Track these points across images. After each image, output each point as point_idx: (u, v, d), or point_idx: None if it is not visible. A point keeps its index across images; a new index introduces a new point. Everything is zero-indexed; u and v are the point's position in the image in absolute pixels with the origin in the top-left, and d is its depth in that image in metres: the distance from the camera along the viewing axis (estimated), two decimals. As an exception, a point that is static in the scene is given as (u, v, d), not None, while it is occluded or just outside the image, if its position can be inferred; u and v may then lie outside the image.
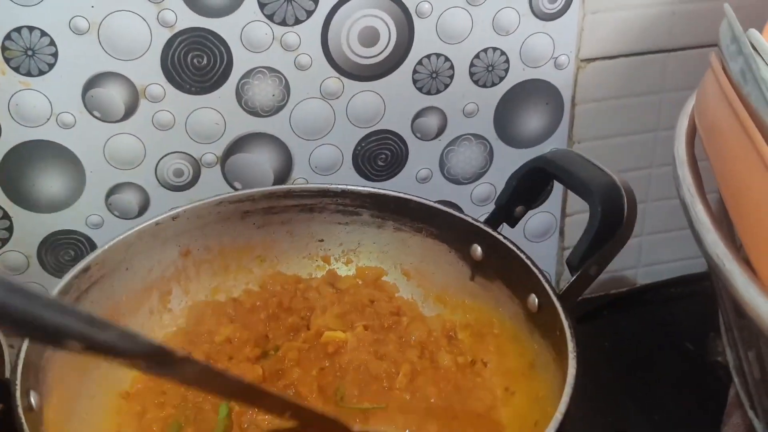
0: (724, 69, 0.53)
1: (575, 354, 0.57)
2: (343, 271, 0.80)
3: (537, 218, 0.92)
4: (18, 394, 0.54)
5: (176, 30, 0.74)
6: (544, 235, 0.94)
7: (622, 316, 0.95)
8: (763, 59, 0.54)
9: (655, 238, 0.98)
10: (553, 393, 0.59)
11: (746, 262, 0.46)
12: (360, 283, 0.79)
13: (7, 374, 0.64)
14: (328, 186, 0.78)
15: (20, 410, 0.53)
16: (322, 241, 0.81)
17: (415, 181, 0.87)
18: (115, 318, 0.71)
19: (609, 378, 0.85)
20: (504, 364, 0.69)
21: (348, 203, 0.78)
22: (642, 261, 0.99)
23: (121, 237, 0.71)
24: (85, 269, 0.68)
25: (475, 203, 0.90)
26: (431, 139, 0.85)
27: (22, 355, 0.57)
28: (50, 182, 0.79)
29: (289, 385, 0.67)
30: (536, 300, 0.65)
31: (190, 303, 0.77)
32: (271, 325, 0.73)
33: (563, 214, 0.93)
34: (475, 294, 0.74)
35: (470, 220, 0.72)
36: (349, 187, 0.77)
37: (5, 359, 0.67)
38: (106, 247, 0.70)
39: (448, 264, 0.76)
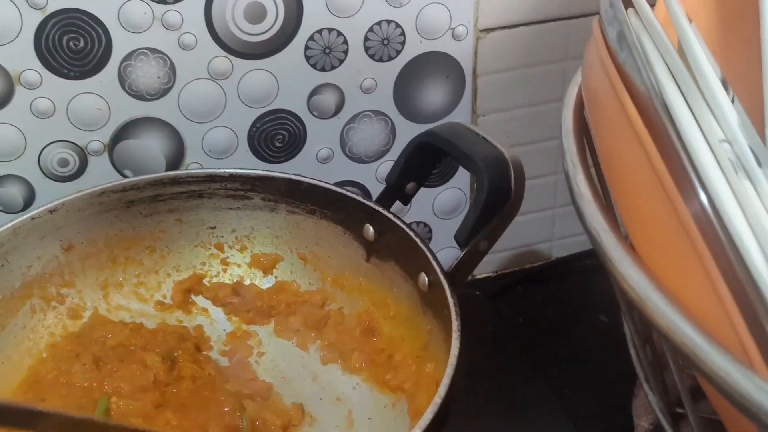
0: (603, 36, 0.51)
1: (459, 334, 0.55)
2: (238, 258, 0.78)
3: (446, 194, 0.90)
4: None
5: (48, 12, 0.71)
6: (454, 212, 0.92)
7: (537, 291, 0.94)
8: (644, 24, 0.53)
9: (568, 210, 0.96)
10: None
11: (626, 237, 0.45)
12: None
13: None
14: (215, 170, 0.75)
15: None
16: (214, 228, 0.78)
17: (316, 161, 0.84)
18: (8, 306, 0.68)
19: (520, 353, 0.84)
20: (402, 347, 0.67)
21: (238, 187, 0.76)
22: (556, 234, 0.98)
23: None
24: None
25: (380, 182, 0.87)
26: (329, 117, 0.83)
27: None
28: None
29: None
30: (426, 279, 0.63)
31: (77, 299, 0.73)
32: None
33: (472, 190, 0.91)
34: (370, 275, 0.72)
35: (360, 199, 0.70)
36: (237, 170, 0.75)
37: None
38: None
39: (344, 246, 0.74)
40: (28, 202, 0.79)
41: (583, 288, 0.93)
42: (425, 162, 0.69)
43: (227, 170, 0.75)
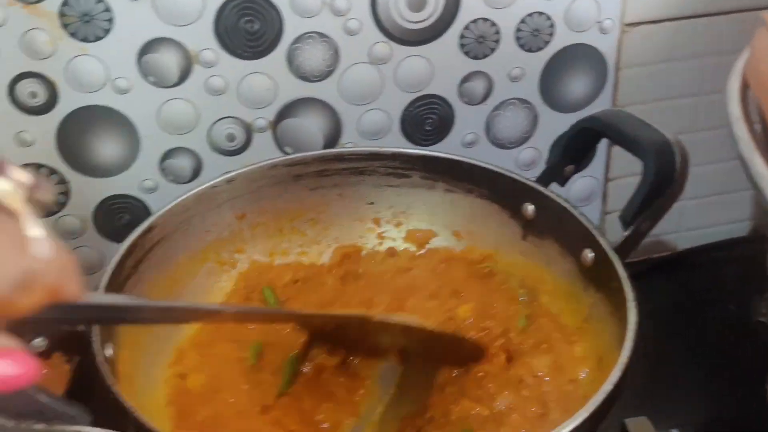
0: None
1: (635, 303, 0.58)
2: (393, 233, 0.82)
3: (580, 183, 0.93)
4: (98, 346, 0.55)
5: (229, -5, 0.76)
6: (587, 200, 0.95)
7: (664, 280, 0.96)
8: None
9: (696, 203, 0.98)
10: (611, 343, 0.60)
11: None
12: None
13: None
14: (378, 149, 0.80)
15: (100, 360, 0.55)
16: (372, 203, 0.82)
17: (462, 145, 0.88)
18: (176, 278, 0.73)
19: (651, 342, 0.86)
20: (558, 320, 0.70)
21: (398, 166, 0.80)
22: (683, 226, 1.00)
23: (180, 199, 0.73)
24: (148, 230, 0.70)
25: (520, 167, 0.91)
26: (477, 104, 0.86)
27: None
28: (106, 147, 0.80)
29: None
30: (590, 255, 0.66)
31: (246, 264, 0.78)
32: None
33: (606, 179, 0.94)
34: (526, 253, 0.75)
35: (522, 179, 0.73)
36: (399, 149, 0.79)
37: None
38: (167, 208, 0.72)
39: (499, 224, 0.77)
40: (196, 173, 0.84)
41: (710, 279, 0.95)
42: (585, 146, 0.72)
43: (390, 149, 0.79)
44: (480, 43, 0.83)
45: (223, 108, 0.81)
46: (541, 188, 0.71)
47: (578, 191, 0.94)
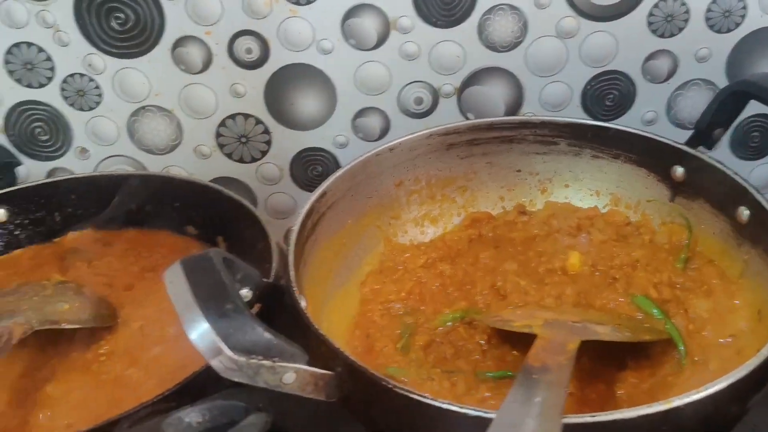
0: None
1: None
2: (539, 200, 0.84)
3: (763, 169, 0.92)
4: (297, 295, 0.62)
5: (429, -34, 0.81)
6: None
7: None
8: None
9: None
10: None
11: None
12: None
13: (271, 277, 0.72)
14: (527, 117, 0.82)
15: (303, 308, 0.61)
16: (519, 171, 0.84)
17: (641, 123, 0.90)
18: (343, 241, 0.77)
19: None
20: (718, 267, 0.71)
21: (546, 133, 0.81)
22: None
23: (348, 167, 0.76)
24: (323, 194, 0.73)
25: (698, 149, 0.91)
26: (660, 82, 0.88)
27: (292, 267, 0.65)
28: (306, 103, 0.88)
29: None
30: (746, 212, 0.67)
31: (400, 231, 0.82)
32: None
33: None
34: (674, 214, 0.76)
35: (671, 143, 0.74)
36: (547, 117, 0.80)
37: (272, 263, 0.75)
38: (337, 175, 0.75)
39: (646, 187, 0.78)
40: (383, 132, 0.90)
41: None
42: (735, 109, 0.73)
43: (539, 117, 0.81)
44: (668, 21, 0.84)
45: (414, 72, 0.87)
46: (692, 151, 0.72)
47: (762, 178, 0.93)
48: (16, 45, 0.84)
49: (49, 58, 0.85)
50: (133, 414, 0.57)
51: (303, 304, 0.62)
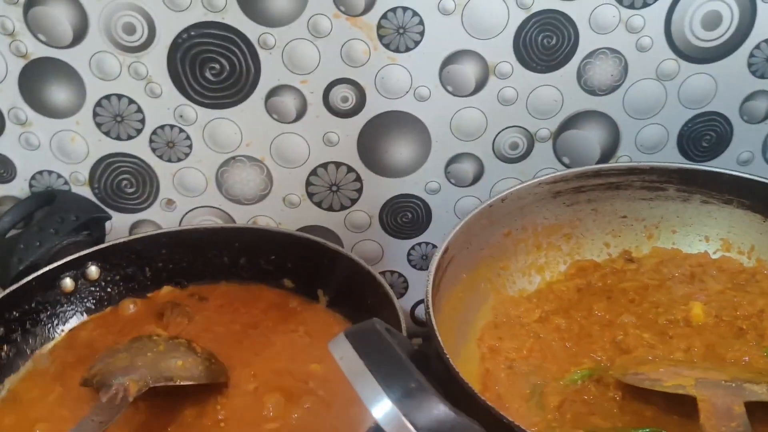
0: None
1: None
2: (646, 246, 0.83)
3: None
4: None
5: (532, 11, 0.80)
6: None
7: None
8: None
9: None
10: None
11: None
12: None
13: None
14: (636, 164, 0.81)
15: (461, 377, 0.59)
16: (624, 217, 0.83)
17: (736, 163, 0.89)
18: (460, 296, 0.75)
19: None
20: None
21: (654, 179, 0.80)
22: None
23: (464, 221, 0.74)
24: (446, 250, 0.71)
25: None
26: (758, 123, 0.87)
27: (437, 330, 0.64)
28: (400, 150, 0.86)
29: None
30: None
31: (509, 282, 0.81)
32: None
33: None
34: None
35: None
36: (656, 163, 0.79)
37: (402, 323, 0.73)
38: (456, 230, 0.72)
39: (761, 233, 0.78)
40: (476, 178, 0.89)
41: None
42: None
43: (647, 163, 0.80)
44: (768, 62, 0.83)
45: (511, 117, 0.85)
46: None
47: None
48: (106, 97, 0.82)
49: (139, 110, 0.83)
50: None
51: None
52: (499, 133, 0.86)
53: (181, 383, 0.70)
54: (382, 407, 0.51)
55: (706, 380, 0.65)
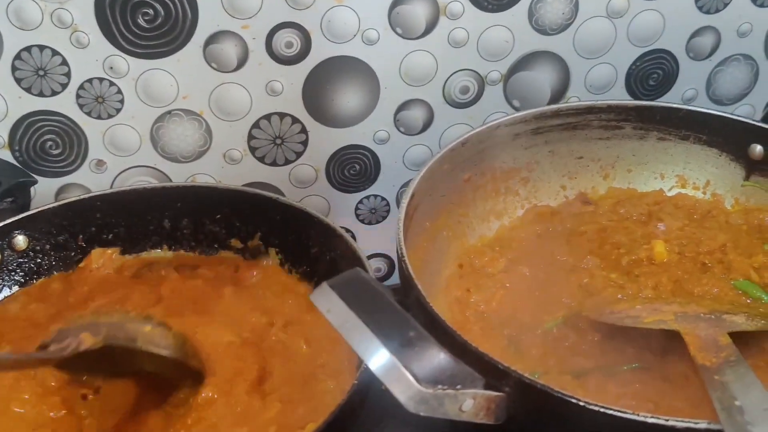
0: None
1: None
2: (602, 187, 0.82)
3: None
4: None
5: (482, -52, 0.77)
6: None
7: None
8: None
9: None
10: None
11: None
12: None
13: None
14: (594, 102, 0.79)
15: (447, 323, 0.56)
16: (581, 158, 0.82)
17: (681, 101, 0.89)
18: (424, 245, 0.73)
19: None
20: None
21: (612, 118, 0.79)
22: None
23: (428, 166, 0.70)
24: (412, 196, 0.68)
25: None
26: (702, 59, 0.87)
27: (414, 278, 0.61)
28: (347, 98, 0.82)
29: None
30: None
31: (468, 229, 0.78)
32: None
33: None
34: (748, 193, 0.76)
35: (751, 121, 0.74)
36: (614, 101, 0.78)
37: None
38: (420, 176, 0.68)
39: (716, 168, 0.78)
40: (426, 125, 0.86)
41: None
42: None
43: (605, 101, 0.79)
44: (713, -2, 0.83)
45: (462, 60, 0.82)
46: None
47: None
48: (26, 49, 0.74)
49: (64, 62, 0.76)
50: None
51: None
52: (449, 77, 0.83)
53: (145, 348, 0.63)
54: (379, 358, 0.48)
55: (686, 314, 0.64)
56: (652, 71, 0.87)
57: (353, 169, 0.87)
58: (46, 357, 0.61)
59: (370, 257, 0.92)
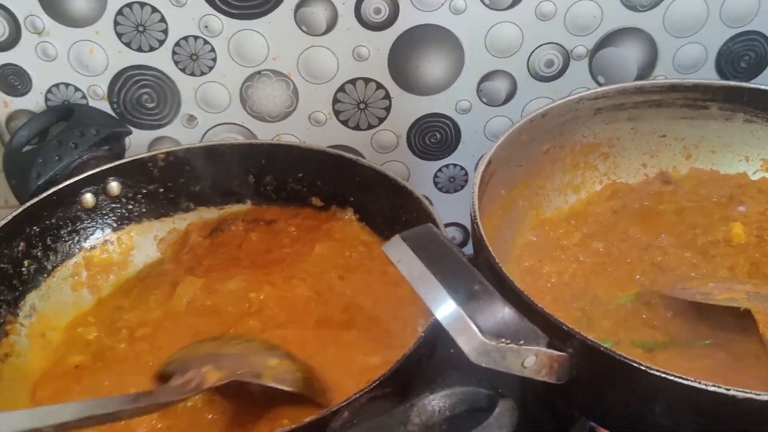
0: None
1: None
2: (683, 167, 0.81)
3: None
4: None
5: None
6: None
7: None
8: None
9: None
10: None
11: None
12: None
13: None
14: (679, 81, 0.78)
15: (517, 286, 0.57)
16: (664, 136, 0.81)
17: (775, 87, 0.87)
18: (500, 213, 0.73)
19: None
20: None
21: (698, 97, 0.78)
22: None
23: (505, 136, 0.71)
24: (489, 163, 0.68)
25: None
26: (805, 41, 0.85)
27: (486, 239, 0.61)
28: (432, 66, 0.83)
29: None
30: None
31: (545, 201, 0.79)
32: None
33: None
34: None
35: None
36: (700, 80, 0.77)
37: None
38: (498, 144, 0.69)
39: None
40: (509, 97, 0.86)
41: None
42: None
43: (691, 80, 0.78)
44: (814, -21, 0.81)
45: (548, 34, 0.82)
46: None
47: None
48: (128, 5, 0.78)
49: (162, 19, 0.79)
50: (352, 402, 0.53)
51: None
52: (534, 50, 0.84)
53: (270, 385, 0.60)
54: (446, 309, 0.49)
55: (759, 294, 0.63)
56: (744, 53, 0.85)
57: (434, 137, 0.88)
58: (170, 401, 0.58)
59: (445, 226, 0.93)
